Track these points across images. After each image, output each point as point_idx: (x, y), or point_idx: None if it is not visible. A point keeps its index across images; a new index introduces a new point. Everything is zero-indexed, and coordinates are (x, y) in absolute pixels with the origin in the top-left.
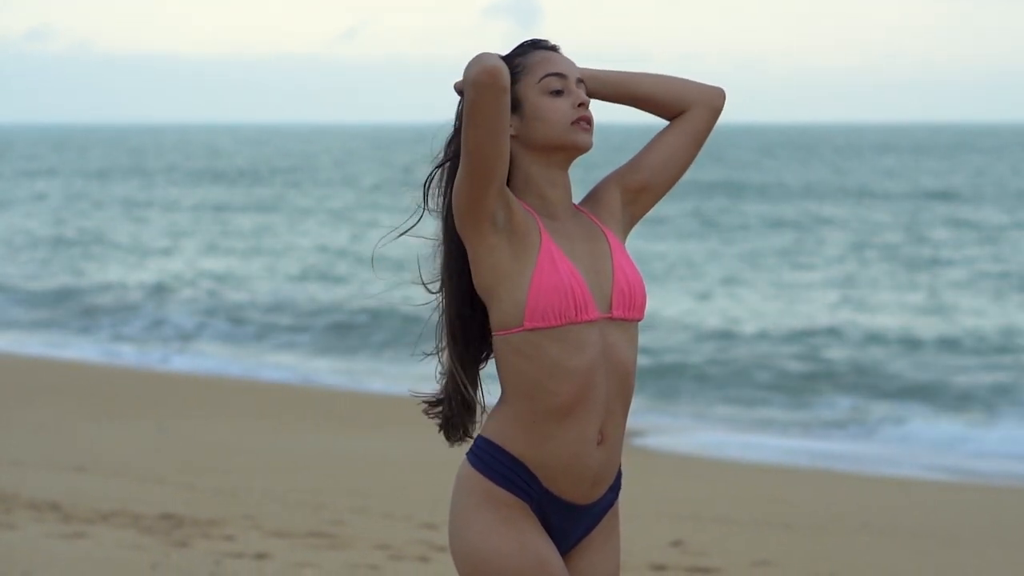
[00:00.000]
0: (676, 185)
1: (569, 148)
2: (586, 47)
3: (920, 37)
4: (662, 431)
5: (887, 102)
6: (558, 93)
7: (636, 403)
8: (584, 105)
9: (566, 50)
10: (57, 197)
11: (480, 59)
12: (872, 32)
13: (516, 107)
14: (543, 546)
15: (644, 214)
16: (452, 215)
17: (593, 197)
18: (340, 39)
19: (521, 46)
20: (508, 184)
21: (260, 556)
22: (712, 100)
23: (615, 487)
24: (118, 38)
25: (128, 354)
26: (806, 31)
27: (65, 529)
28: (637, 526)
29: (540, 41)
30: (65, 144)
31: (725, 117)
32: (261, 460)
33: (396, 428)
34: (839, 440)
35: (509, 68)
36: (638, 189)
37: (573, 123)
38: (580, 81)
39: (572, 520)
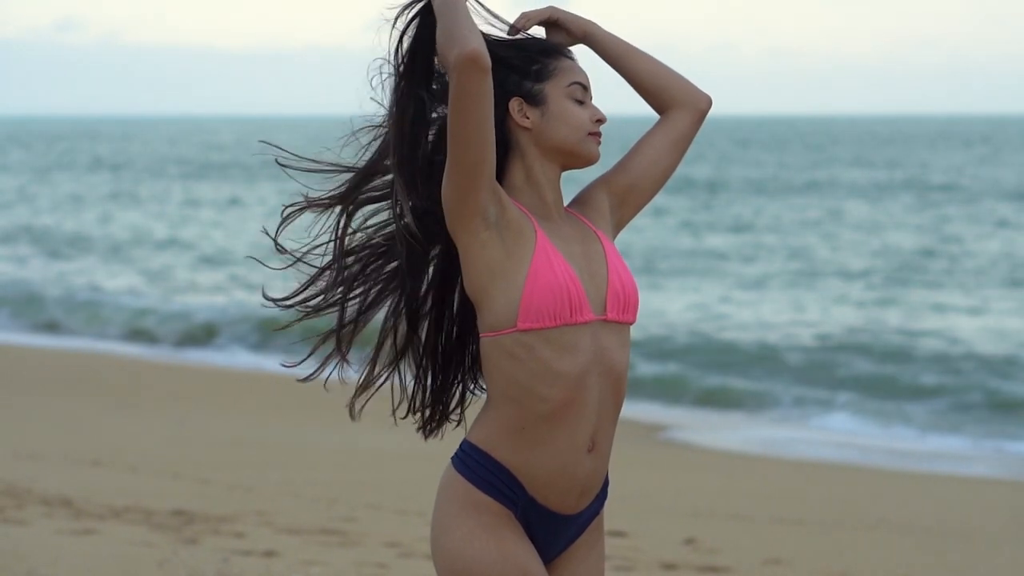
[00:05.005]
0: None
1: (581, 156)
2: None
3: (953, 26)
4: (680, 426)
5: (918, 92)
6: (580, 102)
7: (651, 398)
8: (601, 121)
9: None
10: (76, 190)
11: (458, 40)
12: (901, 21)
13: (539, 102)
14: (525, 554)
15: (631, 218)
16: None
17: (581, 200)
18: (365, 29)
19: (544, 46)
20: (507, 179)
21: (269, 554)
22: (697, 103)
23: (602, 496)
24: (145, 30)
25: (148, 347)
26: (836, 21)
27: (75, 525)
28: (652, 523)
29: (564, 48)
30: (91, 136)
31: (752, 109)
32: (277, 454)
33: (413, 423)
34: (852, 435)
35: (539, 66)
36: (625, 192)
37: (590, 134)
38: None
39: (556, 529)
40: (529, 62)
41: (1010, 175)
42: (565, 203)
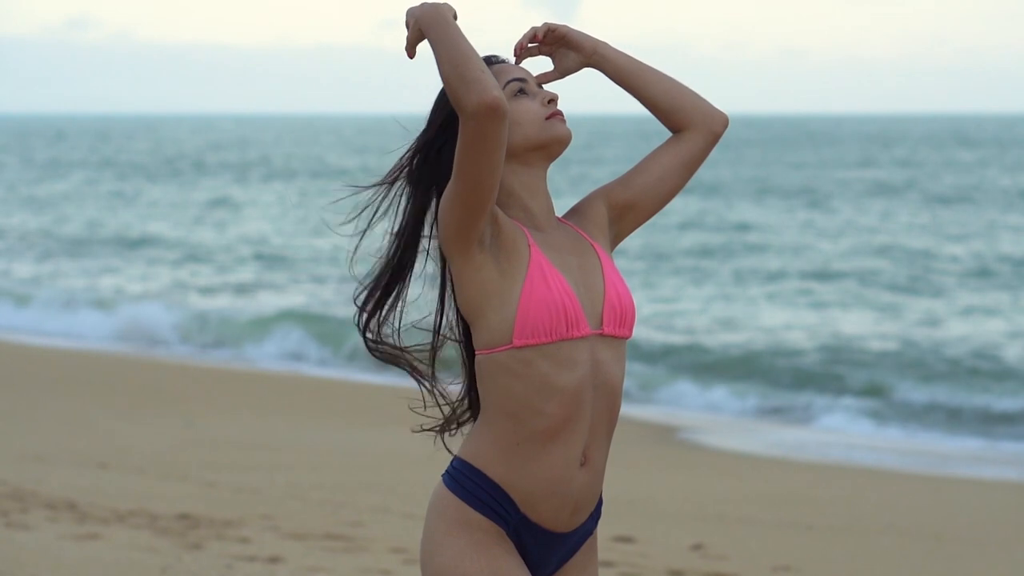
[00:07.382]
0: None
1: (550, 143)
2: (623, 36)
3: (964, 24)
4: (688, 428)
5: (928, 92)
6: (522, 94)
7: (659, 400)
8: (554, 101)
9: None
10: (83, 191)
11: (474, 86)
12: (912, 21)
13: None
14: (517, 572)
15: (628, 233)
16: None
17: (578, 211)
18: (379, 29)
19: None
20: None
21: (273, 560)
22: (712, 124)
23: (595, 515)
24: (157, 28)
25: (155, 348)
26: (848, 20)
27: (79, 530)
28: (659, 528)
29: (492, 57)
30: (101, 134)
31: (767, 107)
32: (285, 456)
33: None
34: (862, 437)
35: None
36: (624, 207)
37: (547, 118)
38: (539, 84)
39: (549, 548)
40: None
41: (1020, 175)
42: (559, 213)
